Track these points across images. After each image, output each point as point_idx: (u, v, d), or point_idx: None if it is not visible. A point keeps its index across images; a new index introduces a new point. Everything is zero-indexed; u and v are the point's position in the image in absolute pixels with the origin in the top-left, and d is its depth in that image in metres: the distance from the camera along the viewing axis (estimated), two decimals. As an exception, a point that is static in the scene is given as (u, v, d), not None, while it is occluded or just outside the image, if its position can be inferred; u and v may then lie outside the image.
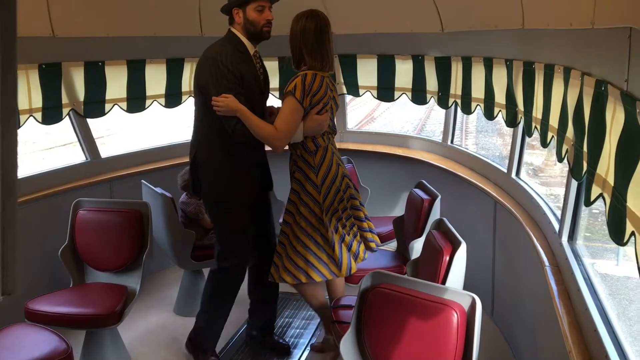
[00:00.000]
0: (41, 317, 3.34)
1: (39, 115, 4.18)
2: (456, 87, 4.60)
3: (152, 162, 5.11)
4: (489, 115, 4.01)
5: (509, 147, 4.10)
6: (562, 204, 2.93)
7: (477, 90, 4.18)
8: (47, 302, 3.45)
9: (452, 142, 5.23)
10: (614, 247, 5.40)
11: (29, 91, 4.09)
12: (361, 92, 5.53)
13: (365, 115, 17.22)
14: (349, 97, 5.90)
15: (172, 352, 3.84)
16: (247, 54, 3.33)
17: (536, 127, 3.05)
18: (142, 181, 4.32)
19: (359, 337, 2.64)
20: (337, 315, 3.26)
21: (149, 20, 4.66)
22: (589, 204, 2.10)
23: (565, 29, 2.55)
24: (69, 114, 4.46)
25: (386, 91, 5.39)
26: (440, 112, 5.40)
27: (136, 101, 4.82)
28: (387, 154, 5.50)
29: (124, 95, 4.75)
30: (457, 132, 5.36)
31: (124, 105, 4.77)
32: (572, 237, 2.84)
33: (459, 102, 4.58)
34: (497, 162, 4.47)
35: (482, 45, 4.06)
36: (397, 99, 5.40)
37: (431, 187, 3.91)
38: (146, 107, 4.92)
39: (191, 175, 3.53)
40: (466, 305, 2.42)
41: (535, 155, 9.48)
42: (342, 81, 5.55)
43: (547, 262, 2.88)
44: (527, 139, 4.03)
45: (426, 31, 4.82)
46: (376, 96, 5.48)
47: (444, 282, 2.78)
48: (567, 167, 2.59)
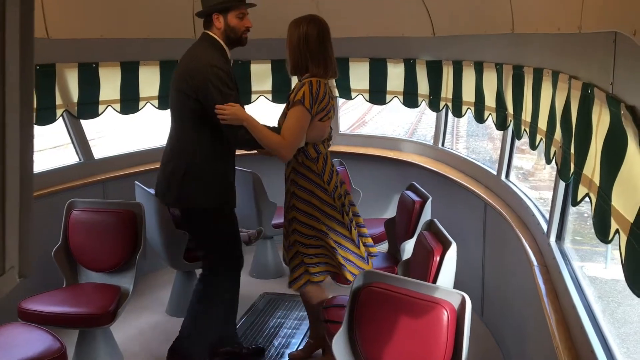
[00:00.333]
0: (34, 316, 3.35)
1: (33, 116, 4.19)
2: (447, 90, 4.66)
3: (146, 164, 5.13)
4: (479, 118, 4.07)
5: (499, 151, 4.17)
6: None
7: (468, 93, 4.24)
8: (41, 301, 3.47)
9: (443, 145, 5.29)
10: (603, 250, 5.47)
11: (22, 92, 4.10)
12: (353, 95, 5.59)
13: (357, 118, 17.29)
14: (341, 101, 5.95)
15: (164, 353, 3.84)
16: (227, 59, 3.31)
17: (525, 130, 3.11)
18: (136, 182, 4.34)
19: (351, 336, 2.68)
20: (329, 314, 3.30)
21: (143, 22, 4.69)
22: (575, 203, 2.16)
23: (553, 33, 2.62)
24: (62, 115, 4.48)
25: (378, 94, 5.45)
26: (431, 116, 5.47)
27: (129, 103, 4.85)
28: (378, 156, 5.55)
29: (118, 96, 4.77)
30: (448, 135, 5.42)
31: (118, 106, 4.79)
32: (559, 238, 2.90)
33: (450, 105, 4.64)
34: (486, 164, 4.53)
35: (472, 49, 4.12)
36: (389, 102, 5.46)
37: (422, 189, 3.95)
38: (139, 108, 4.95)
39: (166, 184, 3.40)
40: (456, 303, 2.46)
41: (525, 159, 9.58)
42: (335, 84, 5.60)
43: (535, 262, 2.94)
44: (517, 143, 4.09)
45: (418, 35, 4.88)
46: (368, 99, 5.54)
47: (434, 282, 2.82)
48: (555, 169, 2.65)
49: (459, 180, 4.52)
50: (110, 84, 4.68)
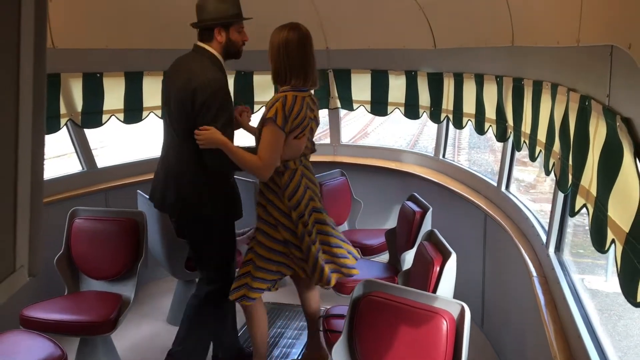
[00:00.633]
0: (36, 324, 3.37)
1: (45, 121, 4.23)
2: (448, 102, 4.70)
3: (148, 173, 5.14)
4: (480, 130, 4.10)
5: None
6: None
7: (469, 105, 4.28)
8: (42, 309, 3.48)
9: (444, 156, 5.32)
10: (604, 263, 5.47)
11: (27, 101, 4.15)
12: (355, 106, 5.63)
13: (359, 130, 17.36)
14: (343, 112, 5.99)
15: (164, 361, 3.86)
16: (224, 73, 3.27)
17: (525, 141, 3.14)
18: (138, 191, 4.37)
19: (351, 345, 2.69)
20: (329, 324, 3.31)
21: (147, 33, 4.74)
22: (573, 214, 2.18)
23: (552, 46, 2.65)
24: (66, 124, 4.52)
25: (379, 105, 5.49)
26: (433, 128, 5.50)
27: (133, 112, 4.89)
28: (379, 167, 5.58)
29: (121, 106, 4.81)
30: (449, 147, 5.45)
31: (121, 116, 4.84)
32: (558, 249, 2.92)
33: (451, 117, 4.67)
34: (487, 175, 4.56)
35: (473, 61, 4.16)
36: (390, 113, 5.50)
37: (423, 200, 3.98)
38: (143, 118, 4.99)
39: (171, 195, 3.35)
40: (455, 313, 2.48)
41: (527, 172, 9.61)
42: (337, 95, 5.65)
43: (534, 273, 2.95)
44: (518, 155, 4.12)
45: (419, 47, 4.93)
46: (370, 110, 5.58)
47: (434, 292, 2.84)
48: (554, 181, 2.68)
49: (460, 191, 4.54)
50: (114, 93, 4.72)
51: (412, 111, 5.31)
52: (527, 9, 3.04)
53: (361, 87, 5.51)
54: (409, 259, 3.62)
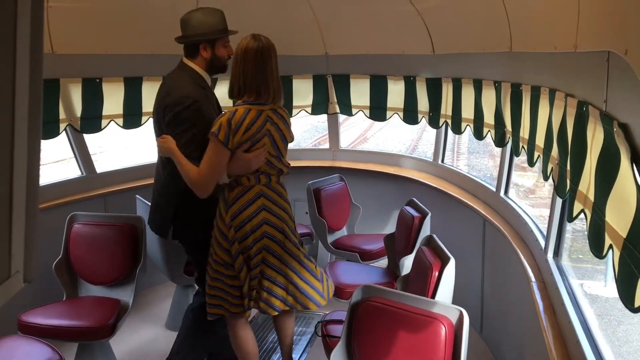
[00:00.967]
0: (34, 329, 3.36)
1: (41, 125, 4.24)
2: (447, 107, 4.71)
3: (146, 178, 5.14)
4: (478, 135, 4.10)
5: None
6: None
7: (467, 110, 4.28)
8: (41, 314, 3.48)
9: (442, 161, 5.33)
10: (603, 268, 5.47)
11: (27, 106, 4.15)
12: (354, 111, 5.64)
13: (358, 135, 17.37)
14: (342, 117, 6.00)
15: (163, 366, 3.86)
16: (207, 89, 3.25)
17: (523, 146, 3.15)
18: (137, 196, 4.37)
19: (349, 350, 2.69)
20: (327, 329, 3.30)
21: (146, 38, 4.75)
22: (571, 219, 2.18)
23: (550, 52, 2.66)
24: (65, 129, 4.53)
25: (378, 111, 5.50)
26: (432, 134, 5.51)
27: (132, 117, 4.89)
28: (378, 172, 5.59)
29: (121, 111, 4.82)
30: (448, 152, 5.46)
31: (120, 121, 4.84)
32: (557, 254, 2.92)
33: (450, 122, 4.68)
34: (486, 181, 4.56)
35: (471, 67, 4.17)
36: (389, 118, 5.51)
37: (422, 205, 3.98)
38: (142, 123, 4.99)
39: (160, 217, 3.33)
40: (454, 318, 2.47)
41: (526, 177, 9.62)
42: (336, 100, 5.66)
43: (533, 278, 2.95)
44: (517, 161, 4.13)
45: (418, 53, 4.94)
46: (368, 115, 5.59)
47: (433, 297, 2.84)
48: (552, 186, 2.68)
49: (458, 196, 4.55)
50: (113, 99, 4.73)
51: (410, 116, 5.32)
52: (525, 15, 3.05)
53: (360, 92, 5.52)
54: (407, 264, 3.62)
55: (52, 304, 3.64)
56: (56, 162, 12.49)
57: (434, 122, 5.01)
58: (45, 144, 4.55)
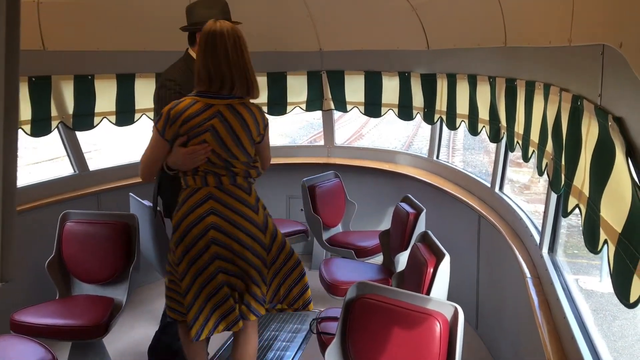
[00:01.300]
0: (27, 328, 3.33)
1: (28, 127, 4.21)
2: (441, 103, 4.69)
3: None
4: (473, 130, 4.09)
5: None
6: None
7: (462, 106, 4.27)
8: (33, 313, 3.45)
9: (437, 157, 5.31)
10: (599, 263, 5.47)
11: (18, 104, 4.12)
12: (348, 107, 5.62)
13: (353, 132, 17.34)
14: (338, 114, 5.98)
15: (157, 365, 3.83)
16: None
17: (518, 142, 3.13)
18: (130, 194, 4.33)
19: (344, 347, 2.67)
20: (322, 327, 3.29)
21: (139, 35, 4.71)
22: (566, 214, 2.17)
23: (544, 46, 2.64)
24: (57, 127, 4.49)
25: (373, 107, 5.48)
26: (427, 130, 5.49)
27: (125, 115, 4.86)
28: (374, 168, 5.57)
29: (113, 108, 4.78)
30: (444, 149, 5.45)
31: (113, 118, 4.81)
32: (552, 249, 2.91)
33: (444, 118, 4.66)
34: (481, 177, 4.55)
35: (466, 62, 4.15)
36: (384, 114, 5.49)
37: (417, 201, 3.97)
38: (135, 120, 4.96)
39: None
40: (449, 315, 2.46)
41: (522, 173, 9.61)
42: (330, 97, 5.63)
43: (528, 274, 2.94)
44: (512, 156, 4.11)
45: (412, 48, 4.92)
46: (363, 112, 5.57)
47: (428, 294, 2.82)
48: (547, 181, 2.67)
49: (453, 192, 4.53)
50: (105, 95, 4.69)
51: (405, 112, 5.30)
52: (519, 10, 3.03)
53: (355, 88, 5.50)
54: (402, 260, 3.61)
55: (45, 303, 3.61)
56: (50, 160, 12.43)
57: (428, 118, 4.99)
58: (38, 142, 4.52)
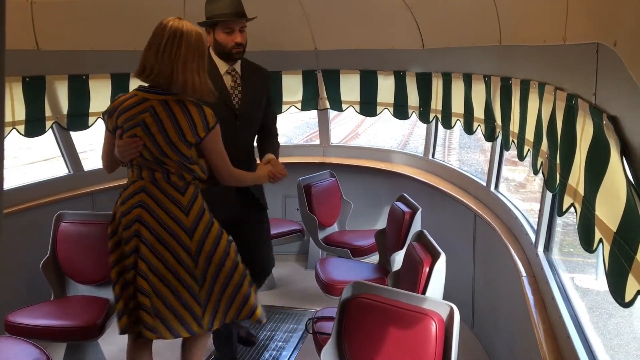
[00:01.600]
0: (22, 329, 3.32)
1: (22, 128, 4.19)
2: (437, 102, 4.69)
3: (136, 176, 5.11)
4: (468, 129, 4.09)
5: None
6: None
7: (457, 105, 4.27)
8: (28, 314, 3.43)
9: (433, 156, 5.31)
10: (594, 261, 5.48)
11: (12, 104, 4.10)
12: (344, 107, 5.61)
13: (349, 131, 17.34)
14: (333, 113, 5.97)
15: (153, 365, 3.82)
16: (213, 71, 3.20)
17: (513, 141, 3.13)
18: (125, 194, 4.32)
19: (340, 347, 2.67)
20: (318, 326, 3.28)
21: (133, 34, 4.68)
22: (561, 213, 2.17)
23: (539, 45, 2.64)
24: (52, 127, 4.47)
25: (368, 106, 5.48)
26: (423, 129, 5.49)
27: (120, 115, 4.84)
28: (369, 168, 5.57)
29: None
30: (439, 148, 5.45)
31: (108, 118, 4.79)
32: (547, 248, 2.91)
33: (440, 117, 4.66)
34: (477, 175, 4.55)
35: (461, 61, 4.15)
36: (380, 113, 5.49)
37: (412, 201, 3.97)
38: (130, 120, 4.94)
39: None
40: (444, 314, 2.46)
41: (517, 171, 9.63)
42: (326, 96, 5.63)
43: (524, 273, 2.94)
44: (508, 155, 4.11)
45: (407, 47, 4.92)
46: (359, 111, 5.56)
47: (424, 293, 2.82)
48: (543, 180, 2.67)
49: (449, 191, 4.53)
50: (100, 95, 4.67)
51: (401, 111, 5.30)
52: (514, 8, 3.03)
53: (350, 87, 5.49)
54: (398, 259, 3.61)
55: (40, 304, 3.59)
56: (45, 160, 12.39)
57: (424, 117, 4.99)
58: (32, 142, 4.50)
